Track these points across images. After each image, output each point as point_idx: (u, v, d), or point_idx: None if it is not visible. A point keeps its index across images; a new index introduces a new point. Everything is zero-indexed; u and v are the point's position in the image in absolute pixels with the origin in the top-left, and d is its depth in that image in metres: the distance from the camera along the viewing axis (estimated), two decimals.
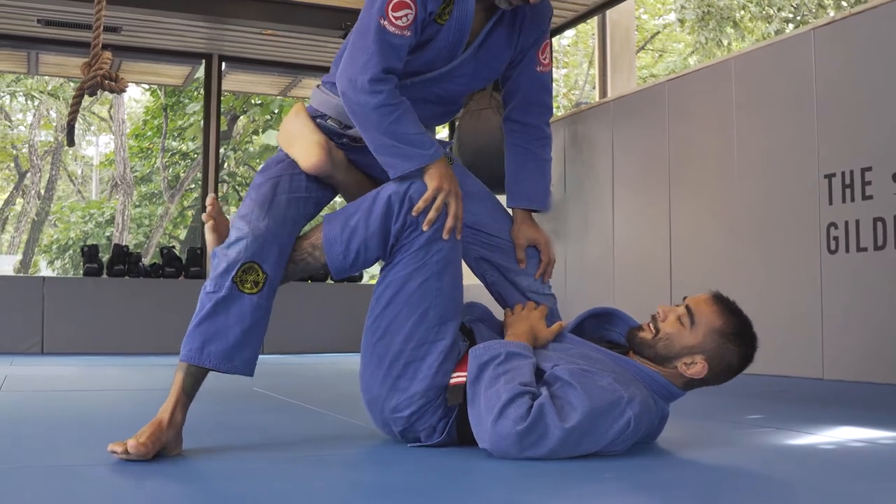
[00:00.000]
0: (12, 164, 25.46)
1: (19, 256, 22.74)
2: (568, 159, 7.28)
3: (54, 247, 22.86)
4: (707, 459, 2.13)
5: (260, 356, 2.22)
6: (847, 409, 3.34)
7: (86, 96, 4.95)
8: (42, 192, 24.12)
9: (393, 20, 2.14)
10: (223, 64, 9.04)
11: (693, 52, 18.59)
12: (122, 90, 4.93)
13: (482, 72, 2.37)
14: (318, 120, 2.38)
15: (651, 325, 2.20)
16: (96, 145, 28.87)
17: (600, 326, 2.42)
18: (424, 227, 2.11)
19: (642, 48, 21.47)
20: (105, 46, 4.68)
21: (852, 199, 4.64)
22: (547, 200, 2.49)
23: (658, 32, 21.58)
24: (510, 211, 2.50)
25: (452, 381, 2.15)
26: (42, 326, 7.67)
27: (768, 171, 5.22)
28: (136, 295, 7.97)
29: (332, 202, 2.41)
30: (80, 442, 2.32)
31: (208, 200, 2.28)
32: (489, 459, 1.98)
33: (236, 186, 21.43)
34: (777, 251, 5.11)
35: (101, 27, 4.61)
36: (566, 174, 7.29)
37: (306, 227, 2.34)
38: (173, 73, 9.72)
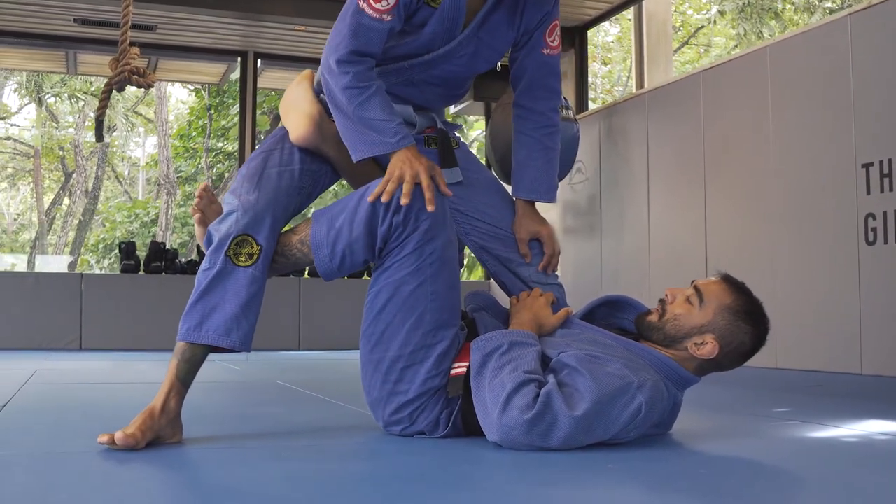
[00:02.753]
0: (59, 165, 25.85)
1: (70, 258, 23.10)
2: (603, 152, 7.19)
3: (100, 246, 23.16)
4: (718, 451, 2.06)
5: (291, 352, 2.18)
6: (879, 403, 3.23)
7: (115, 92, 4.99)
8: (88, 192, 24.45)
9: (371, 3, 2.10)
10: (259, 61, 9.07)
11: (736, 46, 18.33)
12: (149, 85, 4.95)
13: (483, 52, 2.30)
14: (321, 96, 2.34)
15: (659, 308, 2.14)
16: (143, 146, 29.21)
17: (611, 314, 2.35)
18: (404, 201, 2.00)
19: (686, 43, 21.22)
20: (133, 43, 4.70)
21: (890, 189, 4.51)
22: (553, 193, 2.41)
23: (702, 27, 21.31)
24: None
25: (453, 371, 2.10)
26: (80, 323, 7.75)
27: (804, 161, 5.10)
28: (172, 292, 8.01)
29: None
30: (80, 431, 2.30)
31: (197, 191, 2.25)
32: (491, 449, 1.93)
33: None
34: (814, 243, 4.99)
35: (129, 24, 4.63)
36: (601, 168, 7.21)
37: (298, 220, 2.29)
38: (210, 71, 9.77)
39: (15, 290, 7.69)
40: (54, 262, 18.61)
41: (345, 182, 2.44)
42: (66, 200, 25.48)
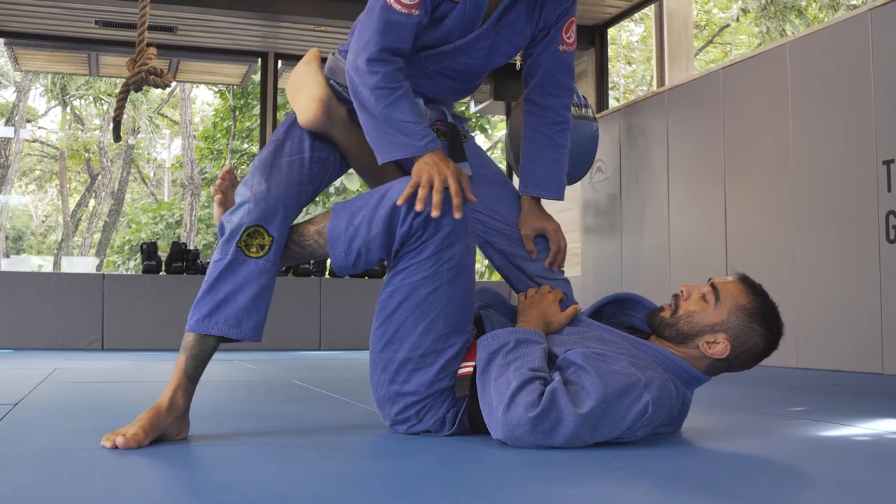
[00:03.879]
0: (85, 167, 26.05)
1: (96, 259, 23.28)
2: (623, 151, 7.15)
3: (126, 248, 23.33)
4: (726, 449, 2.03)
5: (312, 352, 2.16)
6: None
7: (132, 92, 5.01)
8: (113, 193, 24.63)
9: None
10: (279, 62, 9.09)
11: (760, 45, 18.21)
12: (166, 85, 4.95)
13: (500, 46, 2.28)
14: (330, 81, 2.33)
15: (672, 303, 2.11)
16: (168, 148, 29.39)
17: (620, 312, 2.33)
18: (419, 207, 1.98)
19: (710, 42, 21.10)
20: (151, 44, 4.73)
21: None
22: (561, 190, 2.38)
23: (727, 25, 21.18)
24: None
25: (460, 371, 2.09)
26: (102, 323, 7.80)
27: (825, 158, 5.04)
28: (194, 292, 7.93)
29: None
30: (88, 428, 2.30)
31: (221, 173, 2.25)
32: (496, 447, 1.92)
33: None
34: (835, 241, 4.93)
35: (146, 24, 4.63)
36: (621, 166, 7.17)
37: (313, 211, 2.27)
38: (231, 72, 9.80)
39: (38, 291, 7.74)
40: (80, 264, 18.74)
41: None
42: (92, 202, 25.67)
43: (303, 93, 2.26)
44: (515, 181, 9.40)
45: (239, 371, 4.85)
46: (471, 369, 2.07)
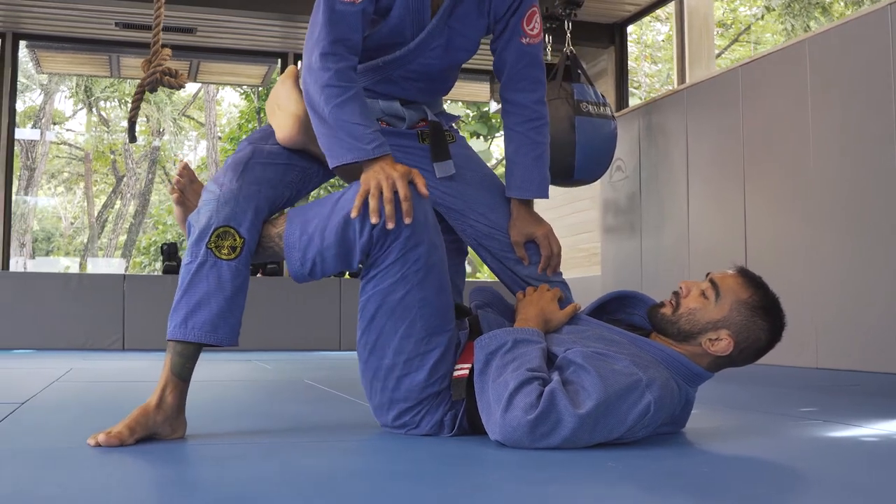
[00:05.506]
0: (111, 169, 26.24)
1: (122, 261, 23.44)
2: (643, 150, 7.10)
3: (151, 249, 23.47)
4: (727, 450, 1.99)
5: (332, 352, 2.14)
6: None
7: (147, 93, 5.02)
8: (139, 195, 24.80)
9: None
10: (299, 62, 9.10)
11: (785, 42, 18.03)
12: (180, 86, 4.96)
13: (457, 41, 2.24)
14: None
15: (672, 301, 2.07)
16: (195, 149, 29.53)
17: (621, 310, 2.29)
18: (373, 220, 1.93)
19: (736, 40, 20.93)
20: (166, 45, 4.74)
21: None
22: (544, 188, 2.31)
23: (752, 24, 20.99)
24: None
25: (456, 374, 2.06)
26: (123, 323, 7.83)
27: (845, 156, 4.97)
28: None
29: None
30: (90, 427, 2.28)
31: (177, 170, 2.22)
32: (493, 448, 1.89)
33: (328, 186, 21.62)
34: (855, 240, 4.86)
35: (161, 25, 4.65)
36: (641, 165, 7.12)
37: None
38: (251, 73, 9.83)
39: (59, 292, 7.79)
40: (105, 265, 18.90)
41: None
42: (118, 204, 25.86)
43: (280, 110, 2.23)
44: None
45: (253, 370, 4.85)
46: (466, 371, 2.04)
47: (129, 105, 4.92)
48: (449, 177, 2.28)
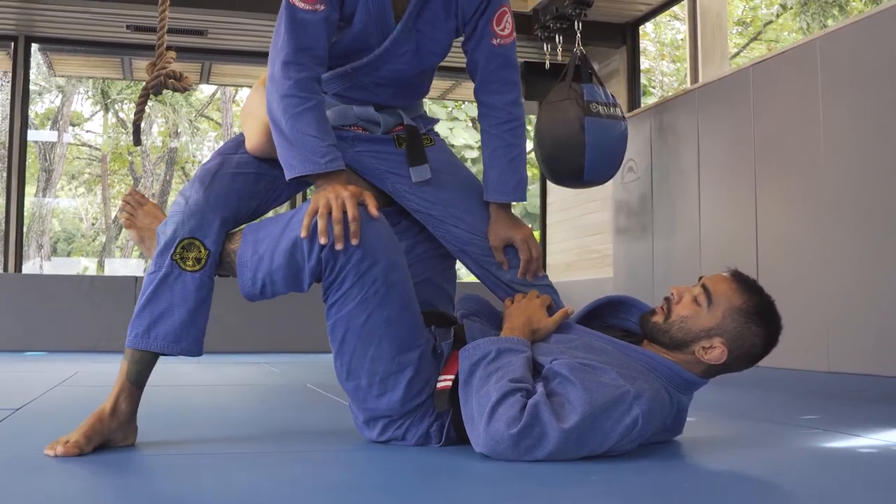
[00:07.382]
0: (128, 170, 26.37)
1: (141, 262, 23.52)
2: (654, 150, 7.04)
3: None
4: (715, 462, 1.95)
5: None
6: None
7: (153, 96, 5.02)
8: (156, 196, 24.89)
9: None
10: None
11: (796, 41, 17.89)
12: (185, 88, 4.94)
13: (427, 46, 2.20)
14: None
15: (664, 308, 2.02)
16: (214, 150, 29.67)
17: (614, 315, 2.24)
18: (322, 240, 1.89)
19: (755, 38, 20.78)
20: (172, 47, 4.73)
21: None
22: (520, 191, 2.26)
23: (770, 22, 20.85)
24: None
25: (438, 385, 2.03)
26: None
27: (856, 155, 4.90)
28: (226, 294, 8.03)
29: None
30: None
31: (124, 196, 2.21)
32: (477, 459, 1.85)
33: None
34: (867, 242, 4.79)
35: (166, 28, 4.64)
36: (652, 165, 7.06)
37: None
38: (262, 75, 9.81)
39: (72, 294, 7.81)
40: (122, 266, 18.94)
41: None
42: None
43: (251, 118, 2.20)
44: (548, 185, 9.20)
45: (258, 374, 4.84)
46: (449, 383, 2.00)
47: (134, 108, 4.93)
48: (426, 182, 2.24)
